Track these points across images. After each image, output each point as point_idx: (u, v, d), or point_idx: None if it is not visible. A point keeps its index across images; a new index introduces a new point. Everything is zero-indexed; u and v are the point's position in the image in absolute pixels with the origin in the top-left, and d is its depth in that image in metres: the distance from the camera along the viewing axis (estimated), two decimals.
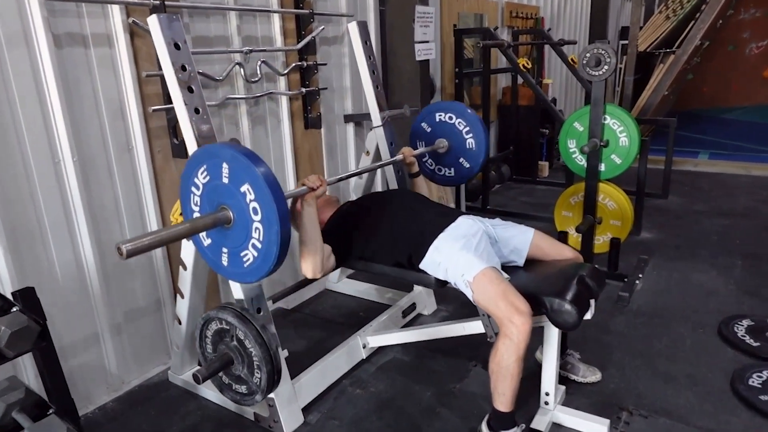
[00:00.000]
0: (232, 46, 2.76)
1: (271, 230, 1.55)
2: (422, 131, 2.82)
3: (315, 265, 2.01)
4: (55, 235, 2.14)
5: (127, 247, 1.42)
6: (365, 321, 2.76)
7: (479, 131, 2.68)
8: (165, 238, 1.53)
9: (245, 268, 1.69)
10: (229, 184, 1.61)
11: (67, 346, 2.23)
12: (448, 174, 2.84)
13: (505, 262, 2.12)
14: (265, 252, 1.60)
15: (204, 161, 1.67)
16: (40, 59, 2.01)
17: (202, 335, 2.04)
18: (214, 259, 1.79)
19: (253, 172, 1.53)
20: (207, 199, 1.70)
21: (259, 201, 1.55)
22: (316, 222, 2.02)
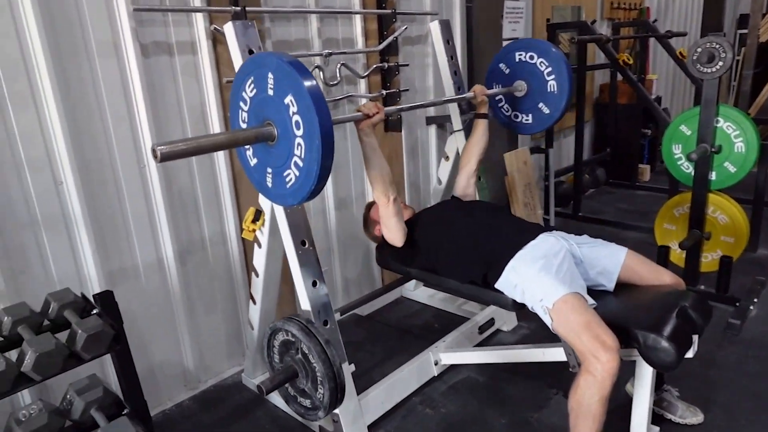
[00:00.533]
0: (313, 49, 2.73)
1: (312, 145, 1.43)
2: (499, 72, 2.63)
3: (386, 189, 1.97)
4: (140, 237, 2.21)
5: (162, 149, 1.35)
6: (439, 333, 2.65)
7: (563, 72, 2.44)
8: (203, 145, 1.47)
9: (287, 189, 1.59)
10: (274, 96, 1.51)
11: (150, 343, 2.32)
12: (525, 120, 2.64)
13: (592, 286, 1.92)
14: (306, 171, 1.49)
15: (251, 72, 1.58)
16: (128, 68, 2.08)
17: (269, 345, 2.03)
18: (259, 179, 1.71)
19: (296, 82, 1.42)
20: (254, 115, 1.62)
21: (302, 113, 1.43)
22: (379, 151, 1.96)
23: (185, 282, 2.38)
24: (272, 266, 2.16)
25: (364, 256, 3.26)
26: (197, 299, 2.46)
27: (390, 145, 3.26)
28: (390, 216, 2.05)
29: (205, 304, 2.50)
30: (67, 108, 1.92)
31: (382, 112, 1.93)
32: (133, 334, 2.22)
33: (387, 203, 2.01)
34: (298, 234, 1.96)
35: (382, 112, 1.94)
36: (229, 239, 2.53)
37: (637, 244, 3.91)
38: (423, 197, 3.59)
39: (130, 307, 2.22)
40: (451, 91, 2.68)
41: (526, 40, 2.64)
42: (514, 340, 2.79)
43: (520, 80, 2.57)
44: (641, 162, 5.59)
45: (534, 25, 4.23)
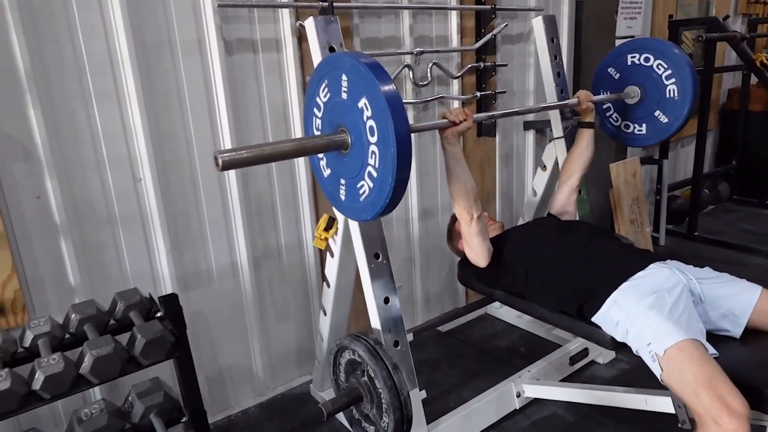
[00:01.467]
0: (404, 47, 2.58)
1: (387, 153, 1.28)
2: (608, 78, 2.33)
3: (469, 206, 1.78)
4: (215, 239, 2.18)
5: (224, 157, 1.27)
6: (525, 359, 2.41)
7: (686, 74, 2.10)
8: (268, 154, 1.36)
9: (360, 203, 1.45)
10: (347, 100, 1.39)
11: (220, 346, 2.28)
12: (638, 131, 2.31)
13: (713, 330, 1.60)
14: (380, 182, 1.34)
15: (325, 74, 1.46)
16: (211, 66, 2.04)
17: (335, 362, 1.90)
18: (332, 191, 1.60)
19: (370, 83, 1.28)
20: (328, 121, 1.50)
21: (376, 117, 1.30)
22: (463, 162, 1.76)
23: (258, 287, 2.32)
24: (344, 277, 2.04)
25: (448, 269, 3.06)
26: (270, 305, 2.40)
27: (482, 150, 3.03)
28: (473, 235, 1.84)
29: (278, 311, 2.43)
30: (149, 105, 1.90)
31: (470, 119, 1.73)
32: (203, 336, 2.20)
33: (470, 221, 1.81)
34: (372, 246, 1.81)
35: (470, 119, 1.74)
36: (306, 246, 2.44)
37: (765, 273, 3.42)
38: (516, 209, 3.32)
39: (202, 310, 2.19)
40: (553, 94, 2.41)
41: (641, 40, 2.32)
42: (611, 376, 2.47)
43: (632, 86, 2.26)
44: None
45: (654, 23, 3.80)
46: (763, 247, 3.69)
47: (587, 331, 1.72)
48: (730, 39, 3.44)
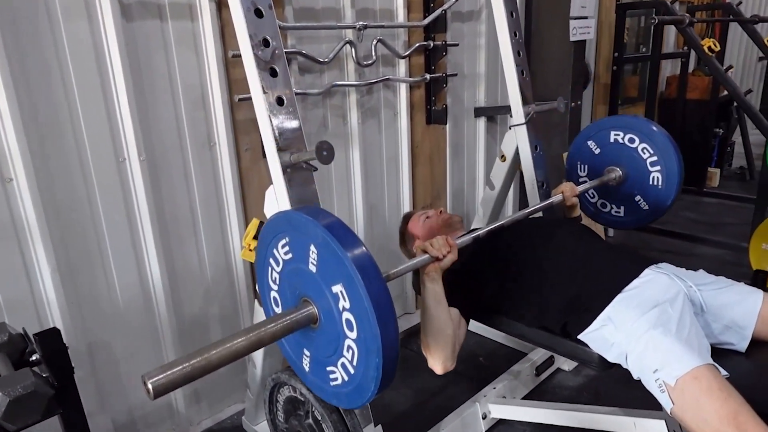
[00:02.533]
0: (344, 20, 2.24)
1: (369, 360, 1.02)
2: (587, 152, 2.11)
3: (446, 359, 1.43)
4: (116, 250, 1.76)
5: (155, 382, 0.91)
6: (485, 370, 2.16)
7: (672, 163, 1.91)
8: (216, 361, 0.99)
9: (331, 387, 1.16)
10: (317, 275, 1.08)
11: (129, 380, 1.88)
12: (615, 212, 2.10)
13: (716, 344, 1.38)
14: (359, 383, 1.07)
15: (285, 232, 1.16)
16: (104, 34, 1.62)
17: (272, 399, 1.56)
18: (293, 357, 1.27)
19: (349, 274, 0.99)
20: (288, 282, 1.19)
21: (356, 316, 1.02)
22: (445, 303, 1.43)
23: (176, 306, 1.93)
24: None
25: None
26: (191, 326, 2.01)
27: (432, 139, 2.75)
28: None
29: (201, 333, 2.04)
30: (19, 84, 1.48)
31: (454, 251, 1.43)
32: (106, 372, 1.81)
33: (443, 373, 1.47)
34: None
35: (455, 251, 1.43)
36: (233, 255, 2.07)
37: (717, 264, 3.36)
38: (467, 203, 3.07)
39: (104, 339, 1.78)
40: (513, 76, 2.15)
41: (625, 117, 2.13)
42: (578, 384, 2.26)
43: (613, 166, 2.04)
44: (710, 165, 4.95)
45: (601, 5, 3.65)
46: (710, 236, 3.65)
47: (571, 349, 1.46)
48: (679, 23, 3.33)
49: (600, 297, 1.37)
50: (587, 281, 1.43)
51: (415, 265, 1.40)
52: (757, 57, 6.33)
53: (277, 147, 1.38)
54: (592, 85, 3.90)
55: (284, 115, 1.41)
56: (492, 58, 2.92)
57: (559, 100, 2.21)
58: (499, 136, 3.11)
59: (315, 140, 1.40)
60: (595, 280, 1.42)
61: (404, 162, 2.62)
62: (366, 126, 2.43)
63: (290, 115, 1.42)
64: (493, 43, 2.86)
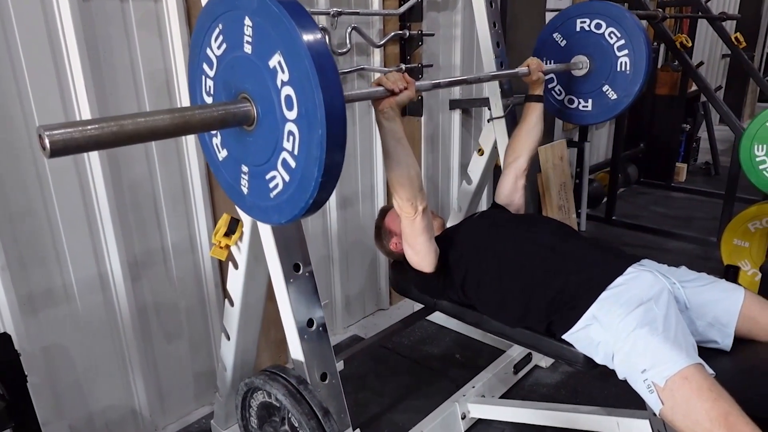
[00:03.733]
0: (317, 6, 2.14)
1: (312, 136, 0.90)
2: (552, 45, 2.04)
3: (412, 197, 1.40)
4: (73, 244, 1.64)
5: (54, 135, 0.79)
6: (463, 368, 2.12)
7: (640, 46, 1.86)
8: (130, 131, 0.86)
9: (271, 200, 1.06)
10: (252, 55, 0.98)
11: (88, 384, 1.76)
12: (583, 107, 2.05)
13: (700, 342, 1.36)
14: (301, 175, 0.96)
15: (219, 16, 1.04)
16: (57, 13, 1.49)
17: (244, 404, 1.48)
18: (231, 182, 1.17)
19: (288, 31, 0.89)
20: (223, 83, 1.08)
21: (296, 83, 0.91)
22: (405, 141, 1.38)
23: (138, 303, 1.82)
24: (253, 293, 1.60)
25: (369, 266, 2.70)
26: (154, 325, 1.90)
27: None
28: (417, 233, 1.48)
29: (166, 331, 1.94)
30: None
31: (411, 88, 1.34)
32: (63, 376, 1.69)
33: (413, 216, 1.44)
34: (291, 254, 1.39)
35: (412, 88, 1.35)
36: (200, 247, 1.96)
37: (687, 258, 3.40)
38: (442, 197, 3.02)
39: (59, 341, 1.66)
40: (491, 66, 2.10)
41: (592, 3, 2.05)
42: (555, 381, 2.24)
43: (580, 55, 1.99)
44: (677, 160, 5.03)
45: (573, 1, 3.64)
46: (678, 230, 3.70)
47: (556, 350, 1.43)
48: (652, 18, 3.35)
49: (585, 295, 1.33)
50: (571, 278, 1.39)
51: (371, 93, 1.32)
52: (721, 54, 6.47)
53: None
54: None
55: None
56: (467, 49, 2.87)
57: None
58: (474, 129, 3.06)
59: None
60: (579, 277, 1.38)
61: (378, 153, 2.55)
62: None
63: None
64: (469, 33, 2.82)
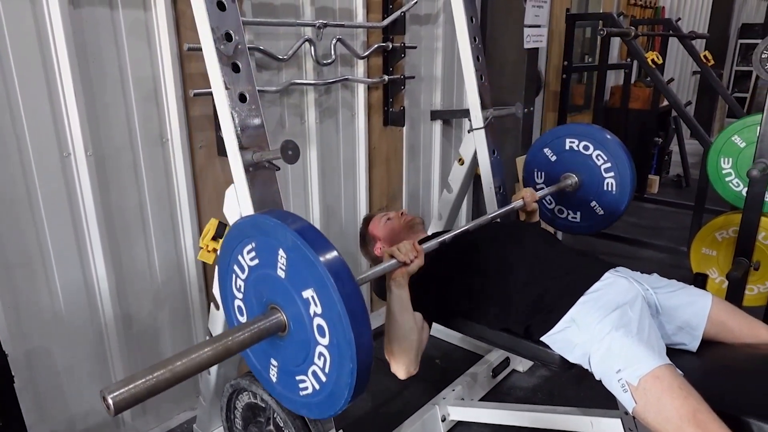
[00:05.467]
0: (303, 17, 2.19)
1: (343, 367, 0.98)
2: (543, 159, 2.16)
3: (409, 364, 1.41)
4: (59, 252, 1.65)
5: (116, 397, 0.85)
6: (441, 372, 2.16)
7: (624, 170, 1.98)
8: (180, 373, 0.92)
9: (301, 398, 1.12)
10: (286, 281, 1.04)
11: (71, 389, 1.76)
12: (572, 218, 2.16)
13: (670, 345, 1.43)
14: (331, 391, 1.03)
15: (251, 237, 1.10)
16: (48, 21, 1.52)
17: (229, 405, 1.50)
18: (259, 368, 1.22)
19: (322, 278, 0.96)
20: (254, 289, 1.14)
21: (329, 321, 0.98)
22: (410, 308, 1.42)
23: (123, 308, 1.83)
24: None
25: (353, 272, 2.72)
26: (138, 330, 1.91)
27: (389, 141, 2.74)
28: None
29: (149, 336, 1.95)
30: None
31: (421, 256, 1.40)
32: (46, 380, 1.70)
33: (404, 377, 1.45)
34: None
35: (422, 256, 1.40)
36: (185, 255, 1.98)
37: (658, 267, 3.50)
38: (422, 205, 3.08)
39: (44, 345, 1.66)
40: (472, 80, 2.17)
41: (580, 126, 2.19)
42: (533, 385, 2.30)
43: (569, 173, 2.09)
44: (650, 172, 5.19)
45: (552, 15, 3.74)
46: (651, 239, 3.82)
47: (533, 352, 1.48)
48: (625, 35, 3.47)
49: (564, 298, 1.39)
50: (551, 283, 1.45)
51: (384, 269, 1.37)
52: (692, 71, 6.71)
53: (239, 145, 1.33)
54: (543, 92, 4.01)
55: (247, 112, 1.36)
56: (448, 62, 2.94)
57: (517, 106, 2.26)
58: (455, 140, 3.14)
59: (271, 139, 1.37)
60: (559, 282, 1.44)
61: (361, 163, 2.60)
62: (323, 126, 2.39)
63: (253, 112, 1.38)
64: (450, 47, 2.90)
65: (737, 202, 2.56)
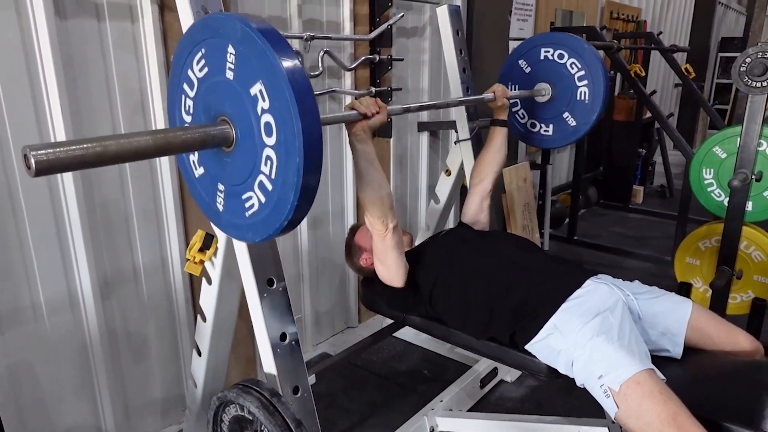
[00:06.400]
0: (290, 30, 2.21)
1: (290, 163, 0.96)
2: (518, 71, 2.16)
3: (384, 215, 1.45)
4: (42, 262, 1.63)
5: (39, 155, 0.82)
6: (430, 383, 2.17)
7: (598, 78, 2.00)
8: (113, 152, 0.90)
9: (246, 219, 1.10)
10: (234, 81, 1.02)
11: (53, 403, 1.74)
12: (544, 131, 2.17)
13: (653, 351, 1.45)
14: (278, 197, 1.01)
15: (202, 41, 1.08)
16: (34, 31, 1.51)
17: (216, 419, 1.49)
18: (206, 199, 1.21)
19: (270, 63, 0.93)
20: (203, 105, 1.12)
21: (276, 112, 0.96)
22: (377, 162, 1.44)
23: (108, 321, 1.81)
24: (225, 308, 1.62)
25: (339, 283, 2.74)
26: (124, 344, 1.89)
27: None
28: (388, 249, 1.54)
29: (134, 350, 1.93)
30: None
31: (383, 112, 1.42)
32: (27, 395, 1.68)
33: (384, 233, 1.50)
34: (264, 269, 1.42)
35: (384, 112, 1.42)
36: (171, 266, 1.97)
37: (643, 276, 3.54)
38: (410, 216, 3.09)
39: (26, 359, 1.64)
40: (458, 91, 2.20)
41: (557, 34, 2.18)
42: (521, 395, 2.31)
43: (543, 82, 2.11)
44: (634, 183, 5.26)
45: (536, 28, 3.81)
46: (636, 249, 3.87)
47: (519, 360, 1.49)
48: (608, 48, 3.53)
49: (546, 306, 1.41)
50: (533, 290, 1.46)
51: (345, 117, 1.38)
52: (674, 83, 6.83)
53: None
54: None
55: None
56: (434, 74, 2.98)
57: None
58: (441, 151, 3.16)
59: None
60: (541, 289, 1.46)
61: (348, 174, 2.61)
62: None
63: None
64: (436, 59, 2.94)
65: (719, 212, 2.60)
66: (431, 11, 2.79)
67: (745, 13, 9.10)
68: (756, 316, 2.57)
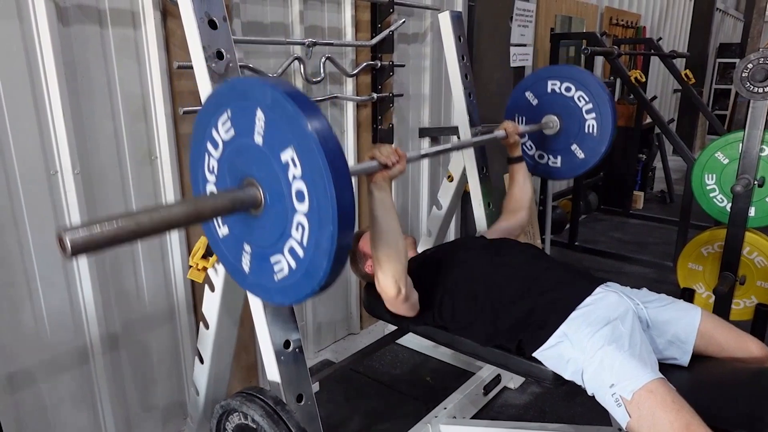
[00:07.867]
0: (292, 36, 2.21)
1: (323, 231, 0.94)
2: (525, 103, 2.16)
3: (397, 273, 1.39)
4: (45, 273, 1.62)
5: (75, 237, 0.82)
6: (433, 391, 2.15)
7: (606, 111, 1.98)
8: (146, 226, 0.89)
9: (275, 283, 1.08)
10: (263, 147, 1.00)
11: (53, 415, 1.71)
12: (552, 163, 2.16)
13: (661, 359, 1.43)
14: (309, 264, 0.99)
15: (227, 104, 1.06)
16: (37, 37, 1.51)
17: (219, 428, 1.47)
18: (231, 259, 1.18)
19: (303, 132, 0.92)
20: (228, 166, 1.10)
21: (309, 180, 0.94)
22: (394, 213, 1.40)
23: (109, 331, 1.79)
24: (227, 316, 1.60)
25: (341, 290, 2.72)
26: (124, 351, 1.87)
27: None
28: (398, 307, 1.50)
29: (135, 360, 1.91)
30: None
31: (403, 162, 1.39)
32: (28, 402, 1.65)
33: (396, 297, 1.43)
34: None
35: (404, 162, 1.40)
36: (173, 276, 1.95)
37: (647, 282, 3.55)
38: (411, 222, 3.08)
39: (26, 367, 1.62)
40: (461, 98, 2.19)
41: (564, 68, 2.20)
42: (524, 402, 2.29)
43: (550, 115, 2.11)
44: (634, 188, 5.26)
45: (537, 34, 3.82)
46: (636, 255, 3.86)
47: (526, 368, 1.47)
48: (608, 54, 3.54)
49: (555, 313, 1.39)
50: (542, 298, 1.45)
51: (364, 169, 1.35)
52: (673, 89, 6.85)
53: None
54: None
55: None
56: (435, 80, 2.98)
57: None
58: (443, 157, 3.15)
59: None
60: (550, 297, 1.44)
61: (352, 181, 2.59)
62: None
63: None
64: (437, 65, 2.94)
65: (722, 217, 2.59)
66: (432, 17, 2.79)
67: (742, 19, 9.14)
68: (760, 321, 2.55)
